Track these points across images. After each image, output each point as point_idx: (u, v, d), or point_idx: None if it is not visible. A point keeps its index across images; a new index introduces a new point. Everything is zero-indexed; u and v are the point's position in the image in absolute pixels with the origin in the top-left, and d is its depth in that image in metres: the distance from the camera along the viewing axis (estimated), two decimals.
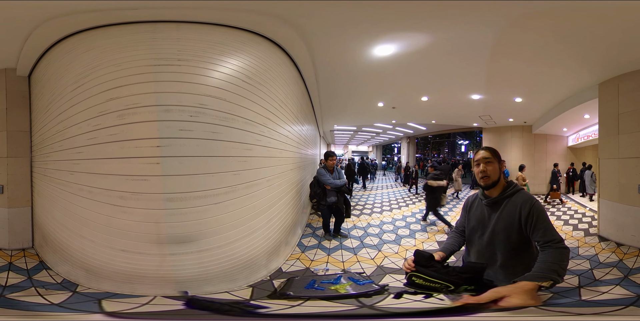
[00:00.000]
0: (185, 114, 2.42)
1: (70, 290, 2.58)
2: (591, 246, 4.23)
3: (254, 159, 3.01)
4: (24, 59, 3.23)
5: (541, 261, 1.34)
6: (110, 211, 2.49)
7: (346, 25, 3.00)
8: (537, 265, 1.32)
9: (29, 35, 2.75)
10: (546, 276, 1.24)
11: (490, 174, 1.57)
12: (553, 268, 1.27)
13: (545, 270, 1.27)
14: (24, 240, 3.59)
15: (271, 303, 2.37)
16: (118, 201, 2.45)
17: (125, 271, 2.50)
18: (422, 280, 1.37)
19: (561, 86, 5.53)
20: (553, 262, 1.30)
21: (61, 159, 2.92)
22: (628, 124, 4.38)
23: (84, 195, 2.66)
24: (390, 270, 3.45)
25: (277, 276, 3.16)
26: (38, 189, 3.52)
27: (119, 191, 2.45)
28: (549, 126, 8.86)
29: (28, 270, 2.99)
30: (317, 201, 4.71)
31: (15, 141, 3.59)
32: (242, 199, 2.82)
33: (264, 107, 3.11)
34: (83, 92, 2.57)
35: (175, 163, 2.40)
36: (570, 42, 3.40)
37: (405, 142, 19.28)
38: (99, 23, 2.54)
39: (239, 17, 2.68)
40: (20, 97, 3.55)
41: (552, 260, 1.32)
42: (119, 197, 2.45)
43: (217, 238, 2.61)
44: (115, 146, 2.44)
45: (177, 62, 2.42)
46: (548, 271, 1.26)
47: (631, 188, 4.25)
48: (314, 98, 6.08)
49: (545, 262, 1.32)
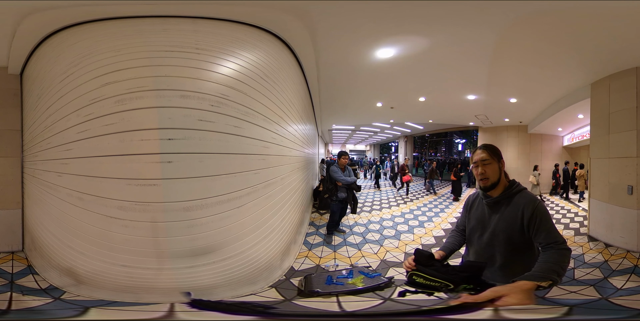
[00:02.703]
0: (206, 102, 2.04)
1: (52, 296, 2.34)
2: (579, 246, 4.25)
3: (271, 158, 2.88)
4: (13, 57, 3.06)
5: (542, 261, 1.34)
6: (106, 224, 2.05)
7: (353, 27, 3.07)
8: (538, 265, 1.32)
9: (14, 31, 2.52)
10: (546, 276, 1.23)
11: (489, 176, 1.53)
12: (553, 268, 1.27)
13: (545, 270, 1.27)
14: (13, 243, 3.45)
15: (310, 301, 2.38)
16: (116, 212, 1.98)
17: (126, 284, 2.16)
18: (422, 278, 1.37)
19: (555, 86, 5.61)
20: (554, 262, 1.30)
21: (49, 158, 2.55)
22: (618, 124, 4.39)
23: (73, 202, 2.22)
24: (393, 264, 3.63)
25: (291, 275, 3.21)
26: (28, 191, 3.30)
27: (117, 199, 1.98)
28: (544, 125, 8.95)
29: (12, 274, 2.84)
30: (329, 196, 4.89)
31: (5, 140, 3.46)
32: (261, 199, 2.63)
33: (277, 105, 3.05)
34: (73, 80, 2.18)
35: (195, 161, 2.01)
36: (561, 43, 3.47)
37: (403, 141, 19.42)
38: (94, 17, 2.25)
39: (259, 14, 2.53)
40: (12, 95, 3.43)
41: (552, 260, 1.31)
42: (117, 207, 1.98)
43: (239, 244, 2.38)
44: (112, 139, 1.96)
45: (195, 50, 2.12)
46: (548, 272, 1.26)
47: (621, 188, 4.23)
48: (315, 98, 6.19)
49: (546, 262, 1.32)
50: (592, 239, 4.59)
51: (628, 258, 3.63)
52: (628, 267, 3.37)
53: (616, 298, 2.59)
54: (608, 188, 4.51)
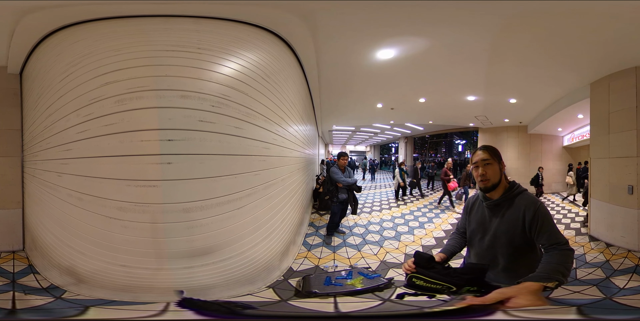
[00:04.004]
0: (207, 103, 2.05)
1: (53, 295, 2.36)
2: (580, 246, 4.24)
3: (271, 159, 2.89)
4: (13, 56, 3.06)
5: (545, 262, 1.33)
6: (106, 225, 2.06)
7: (355, 28, 3.08)
8: (542, 266, 1.31)
9: (13, 30, 2.49)
10: (552, 277, 1.23)
11: (490, 177, 1.50)
12: (558, 269, 1.27)
13: (550, 270, 1.26)
14: (14, 242, 3.47)
15: (306, 302, 2.37)
16: (116, 213, 1.99)
17: (125, 284, 2.17)
18: (422, 281, 1.36)
19: (554, 86, 5.61)
20: (558, 263, 1.30)
21: (49, 158, 2.55)
22: (618, 123, 4.39)
23: (73, 202, 2.23)
24: (392, 265, 3.61)
25: (289, 275, 3.22)
26: (28, 191, 3.31)
27: (117, 200, 1.98)
28: (544, 126, 8.96)
29: (14, 273, 2.87)
30: (330, 197, 4.89)
31: (5, 139, 3.46)
32: (262, 200, 2.63)
33: (278, 106, 3.05)
34: (73, 80, 2.18)
35: (195, 162, 2.01)
36: (561, 43, 3.46)
37: (403, 142, 19.44)
38: (95, 16, 2.23)
39: (262, 14, 2.52)
40: (12, 95, 3.44)
41: (556, 261, 1.31)
42: (117, 208, 1.99)
43: (239, 245, 2.39)
44: (112, 140, 1.96)
45: (197, 50, 2.11)
46: (553, 272, 1.25)
47: (621, 188, 4.23)
48: (315, 99, 6.20)
49: (550, 263, 1.31)
50: (594, 239, 4.59)
51: (629, 258, 3.63)
52: (629, 266, 3.37)
53: (620, 298, 2.58)
54: (608, 187, 4.52)
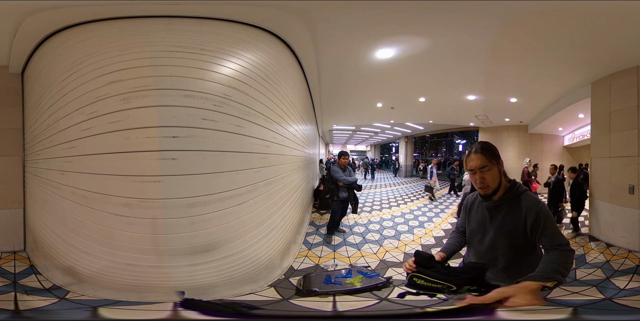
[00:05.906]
0: (209, 102, 2.12)
1: (57, 296, 2.34)
2: (580, 246, 4.22)
3: (271, 156, 2.95)
4: (15, 56, 3.06)
5: (545, 261, 1.33)
6: (111, 222, 2.08)
7: (354, 28, 3.09)
8: (542, 266, 1.32)
9: (15, 31, 2.52)
10: (550, 276, 1.23)
11: (489, 183, 1.44)
12: (557, 269, 1.27)
13: (549, 270, 1.27)
14: (15, 243, 3.44)
15: (306, 300, 2.38)
16: (121, 209, 2.01)
17: (131, 283, 2.19)
18: (423, 280, 1.36)
19: (555, 85, 5.60)
20: (557, 263, 1.30)
21: (52, 156, 2.56)
22: (619, 123, 4.36)
23: (77, 200, 2.24)
24: (392, 264, 3.62)
25: (290, 274, 3.24)
26: (30, 191, 3.29)
27: (122, 196, 2.01)
28: (545, 125, 8.94)
29: (15, 274, 2.84)
30: (330, 196, 4.90)
31: (6, 139, 3.44)
32: (262, 197, 2.68)
33: (278, 106, 3.10)
34: (77, 79, 2.20)
35: (198, 158, 2.07)
36: (561, 42, 3.46)
37: (404, 141, 19.44)
38: (99, 17, 2.27)
39: (262, 15, 2.56)
40: (13, 95, 3.41)
41: (556, 261, 1.31)
42: (122, 205, 2.01)
43: (240, 241, 2.42)
44: (117, 136, 1.99)
45: (199, 51, 2.17)
46: (552, 272, 1.26)
47: (622, 188, 4.19)
48: (315, 99, 6.21)
49: (550, 263, 1.31)
50: (594, 239, 4.57)
51: (630, 258, 3.61)
52: (630, 267, 3.34)
53: (620, 299, 2.56)
54: (609, 187, 4.49)
